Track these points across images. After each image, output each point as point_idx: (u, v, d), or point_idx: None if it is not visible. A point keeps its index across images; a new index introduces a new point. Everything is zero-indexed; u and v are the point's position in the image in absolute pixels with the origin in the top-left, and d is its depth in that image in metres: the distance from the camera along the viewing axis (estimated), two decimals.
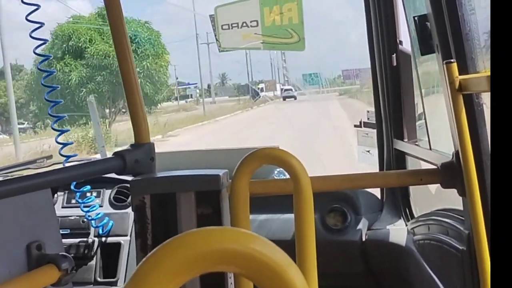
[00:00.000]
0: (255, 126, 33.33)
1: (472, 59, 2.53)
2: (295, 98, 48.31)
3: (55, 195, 4.43)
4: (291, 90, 50.31)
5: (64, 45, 31.82)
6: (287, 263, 0.97)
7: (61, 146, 3.73)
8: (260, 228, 3.95)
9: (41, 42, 3.34)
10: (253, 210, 2.66)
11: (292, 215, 2.51)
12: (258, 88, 60.04)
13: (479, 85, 2.36)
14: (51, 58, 3.60)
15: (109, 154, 3.28)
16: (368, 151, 4.94)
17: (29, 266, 2.42)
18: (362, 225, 4.00)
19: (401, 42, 3.99)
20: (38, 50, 3.42)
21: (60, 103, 3.85)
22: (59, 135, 3.74)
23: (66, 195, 4.48)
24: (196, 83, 60.76)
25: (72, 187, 4.03)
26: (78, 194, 4.17)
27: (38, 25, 3.22)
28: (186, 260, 0.93)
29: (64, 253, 2.48)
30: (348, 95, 50.31)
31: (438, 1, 2.61)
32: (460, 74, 2.45)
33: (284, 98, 50.46)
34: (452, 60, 2.47)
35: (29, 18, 3.19)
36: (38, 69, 3.48)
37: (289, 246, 1.49)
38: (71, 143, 3.87)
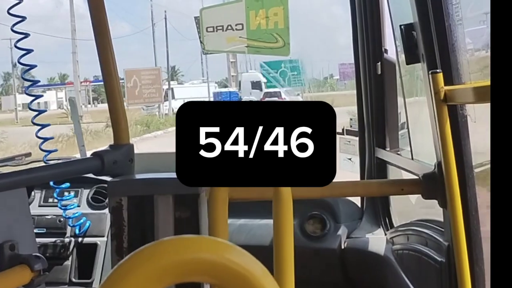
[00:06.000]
0: None
1: (458, 70, 2.52)
2: None
3: (32, 194, 4.38)
4: (278, 93, 32.09)
5: None
6: (262, 274, 0.95)
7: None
8: (239, 232, 3.92)
9: (26, 51, 3.33)
10: (232, 213, 2.63)
11: (271, 220, 2.48)
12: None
13: (464, 96, 2.35)
14: (36, 67, 3.56)
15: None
16: (350, 159, 4.93)
17: (1, 266, 2.38)
18: (341, 233, 3.98)
19: (386, 51, 3.97)
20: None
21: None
22: (39, 129, 3.70)
23: (43, 193, 4.43)
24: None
25: (51, 183, 3.99)
26: (56, 191, 4.13)
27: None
28: (158, 269, 0.90)
29: (38, 254, 2.44)
30: None
31: (425, 11, 2.60)
32: (445, 85, 2.44)
33: None
34: (437, 70, 2.45)
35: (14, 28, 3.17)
36: (23, 78, 3.46)
37: (267, 252, 1.46)
38: (52, 138, 3.83)
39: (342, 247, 3.93)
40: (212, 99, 33.31)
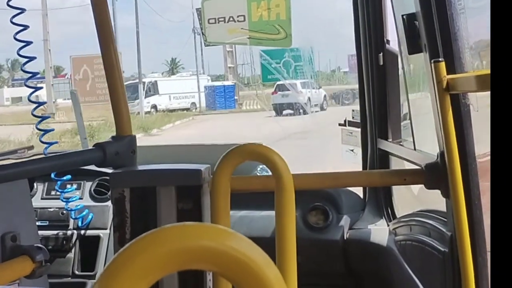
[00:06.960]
0: None
1: (460, 59, 2.51)
2: None
3: (34, 186, 4.38)
4: (293, 86, 22.28)
5: None
6: (265, 261, 0.94)
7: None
8: (240, 224, 3.92)
9: (25, 43, 3.31)
10: (234, 205, 2.63)
11: (272, 212, 2.48)
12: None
13: (466, 85, 2.34)
14: (35, 59, 3.54)
15: None
16: (352, 150, 4.92)
17: (3, 257, 2.37)
18: (344, 224, 3.97)
19: (388, 41, 3.96)
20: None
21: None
22: (40, 121, 3.69)
23: (45, 186, 4.43)
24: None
25: (52, 175, 3.99)
26: (58, 183, 4.12)
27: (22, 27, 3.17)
28: (159, 257, 0.89)
29: (39, 245, 2.44)
30: None
31: (427, 0, 2.59)
32: (447, 74, 2.43)
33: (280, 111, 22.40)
34: (440, 59, 2.44)
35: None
36: (22, 70, 3.44)
37: (268, 244, 1.46)
38: (53, 130, 3.82)
39: (345, 238, 3.92)
40: (203, 94, 28.65)
